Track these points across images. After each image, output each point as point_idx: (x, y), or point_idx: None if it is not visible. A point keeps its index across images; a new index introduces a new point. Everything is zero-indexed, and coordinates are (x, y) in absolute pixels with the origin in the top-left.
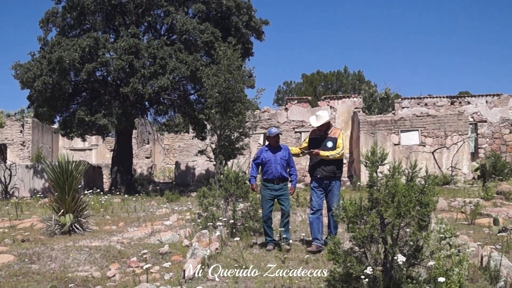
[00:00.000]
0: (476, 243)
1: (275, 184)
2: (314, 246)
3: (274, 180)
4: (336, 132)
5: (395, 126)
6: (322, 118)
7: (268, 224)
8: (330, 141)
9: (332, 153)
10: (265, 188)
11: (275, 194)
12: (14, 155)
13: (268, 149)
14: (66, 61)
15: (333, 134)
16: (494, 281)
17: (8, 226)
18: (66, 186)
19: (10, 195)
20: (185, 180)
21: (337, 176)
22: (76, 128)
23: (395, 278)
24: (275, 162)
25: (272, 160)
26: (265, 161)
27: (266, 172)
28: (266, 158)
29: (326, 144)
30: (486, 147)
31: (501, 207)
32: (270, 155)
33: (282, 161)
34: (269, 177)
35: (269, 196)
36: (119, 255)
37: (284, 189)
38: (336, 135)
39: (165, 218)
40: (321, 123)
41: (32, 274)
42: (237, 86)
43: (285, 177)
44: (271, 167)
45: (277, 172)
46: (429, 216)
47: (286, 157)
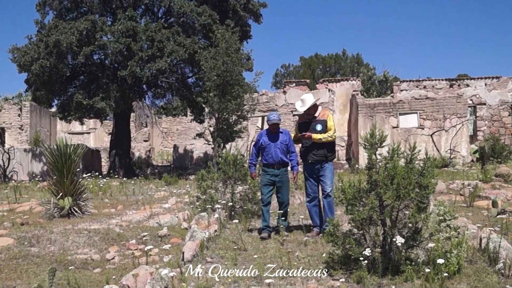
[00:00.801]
0: (475, 225)
1: (275, 169)
2: (314, 231)
3: (274, 164)
4: (324, 114)
5: (394, 109)
6: (307, 101)
7: (267, 209)
8: (319, 124)
9: (325, 136)
10: (264, 174)
11: (275, 179)
12: (12, 139)
13: (268, 133)
14: (63, 45)
15: (321, 116)
16: (493, 262)
17: (7, 209)
18: (65, 170)
19: (8, 179)
20: (184, 163)
21: (329, 159)
22: (74, 111)
23: (394, 260)
24: (275, 147)
25: (272, 144)
26: (264, 145)
27: (266, 157)
28: (265, 142)
29: (315, 127)
30: (485, 130)
31: (500, 189)
32: (270, 139)
33: (282, 145)
34: (269, 161)
35: (268, 181)
36: (118, 238)
37: (284, 175)
38: (325, 117)
39: (164, 201)
40: (307, 107)
41: (31, 257)
42: (235, 69)
43: (286, 162)
44: (271, 152)
45: (277, 156)
46: (428, 198)
47: (286, 142)
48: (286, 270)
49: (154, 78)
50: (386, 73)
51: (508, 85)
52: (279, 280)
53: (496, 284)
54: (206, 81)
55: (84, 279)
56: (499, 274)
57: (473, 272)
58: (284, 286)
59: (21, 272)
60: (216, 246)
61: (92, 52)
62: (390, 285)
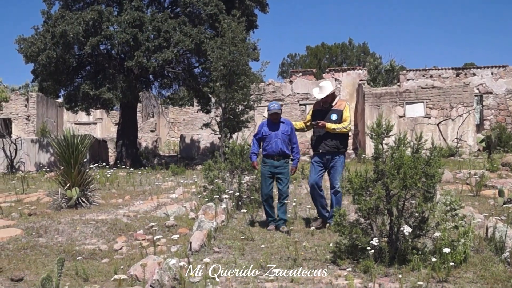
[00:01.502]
0: (481, 214)
1: (275, 161)
2: (318, 221)
3: (274, 155)
4: (341, 104)
5: (400, 98)
6: (325, 89)
7: (269, 203)
8: (335, 114)
9: (339, 126)
10: (264, 165)
11: (275, 171)
12: (19, 130)
13: (269, 123)
14: (70, 35)
15: (338, 106)
16: (499, 252)
17: (15, 200)
18: (72, 160)
19: (16, 169)
20: (190, 153)
21: (341, 151)
22: (81, 102)
23: (401, 249)
24: (275, 137)
25: (272, 134)
26: (265, 136)
27: (266, 147)
28: (266, 132)
29: (330, 117)
30: (492, 119)
31: (506, 178)
32: (271, 129)
33: (284, 136)
34: (269, 152)
35: (268, 174)
36: (126, 228)
37: (285, 166)
38: (342, 107)
39: (171, 191)
40: (325, 95)
41: (39, 247)
42: (241, 59)
43: (286, 154)
44: (271, 142)
45: (277, 147)
46: (434, 188)
47: (288, 132)
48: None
49: (161, 68)
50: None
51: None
52: (287, 269)
53: (502, 273)
54: (213, 71)
55: (92, 269)
56: (505, 263)
57: (480, 261)
58: (291, 275)
59: (29, 263)
60: (223, 236)
61: (98, 43)
62: (396, 274)
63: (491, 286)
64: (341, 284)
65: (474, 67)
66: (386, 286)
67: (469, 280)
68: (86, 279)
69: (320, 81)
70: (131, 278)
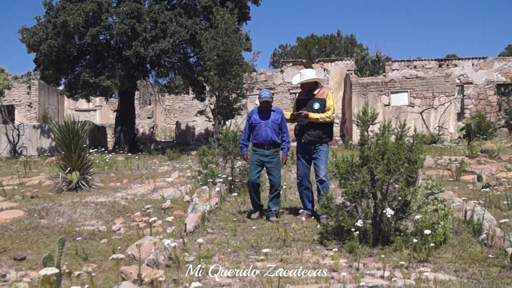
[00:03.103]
0: (460, 198)
1: (265, 150)
2: (304, 213)
3: (264, 144)
4: (324, 93)
5: (386, 88)
6: (304, 76)
7: (255, 190)
8: (317, 102)
9: (323, 116)
10: (254, 153)
11: (264, 160)
12: (22, 116)
13: (259, 111)
14: (70, 25)
15: (320, 94)
16: (477, 233)
17: (18, 183)
18: (73, 145)
19: (18, 154)
20: (185, 139)
21: (324, 141)
22: (81, 89)
23: (384, 230)
24: (265, 126)
25: (262, 123)
26: (255, 124)
27: (256, 136)
28: (256, 120)
29: (313, 106)
30: (472, 108)
31: (485, 164)
32: (261, 117)
33: (274, 124)
34: (258, 141)
35: (258, 162)
36: (124, 210)
37: (275, 156)
38: (324, 95)
39: (167, 175)
40: (301, 81)
41: (41, 228)
42: (234, 49)
43: (277, 143)
44: (261, 131)
45: (267, 136)
46: (416, 173)
47: (278, 121)
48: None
49: (158, 58)
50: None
51: (494, 65)
52: (276, 249)
53: (479, 253)
54: (207, 61)
55: (91, 249)
56: (483, 244)
57: (458, 242)
58: (280, 255)
59: (32, 243)
60: (216, 218)
61: (98, 33)
62: (380, 254)
63: (469, 266)
64: (328, 263)
65: (456, 59)
66: (370, 265)
67: (448, 260)
68: (86, 258)
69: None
70: (129, 258)
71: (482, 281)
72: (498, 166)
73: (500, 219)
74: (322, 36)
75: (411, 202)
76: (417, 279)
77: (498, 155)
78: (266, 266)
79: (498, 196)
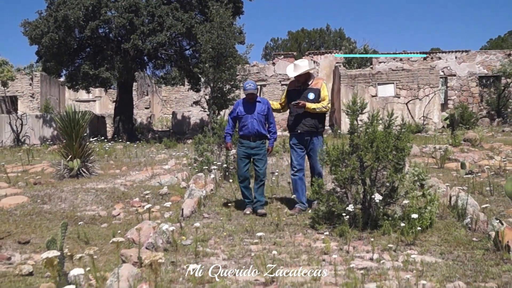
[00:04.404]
0: (445, 184)
1: (251, 142)
2: (297, 209)
3: (250, 136)
4: (318, 83)
5: (373, 79)
6: (300, 67)
7: (245, 185)
8: (312, 93)
9: (319, 106)
10: (240, 146)
11: (251, 152)
12: (25, 106)
13: (245, 103)
14: (71, 19)
15: (314, 85)
16: (461, 218)
17: (21, 170)
18: (74, 134)
19: (21, 143)
20: (181, 128)
21: (319, 131)
22: (81, 81)
23: (373, 215)
24: (251, 117)
25: (248, 115)
26: (241, 116)
27: (242, 128)
28: (241, 112)
29: (307, 96)
30: (455, 99)
31: (468, 152)
32: (247, 109)
33: (260, 116)
34: (244, 133)
35: (244, 154)
36: (123, 196)
37: (261, 147)
38: (318, 85)
39: (164, 163)
40: (299, 72)
41: (44, 213)
42: (228, 42)
43: (263, 134)
44: (247, 122)
45: (253, 128)
46: (404, 160)
47: (264, 112)
48: (276, 224)
49: (155, 51)
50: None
51: (476, 58)
52: (270, 233)
53: (464, 237)
54: (202, 53)
55: (92, 233)
56: (467, 228)
57: (444, 226)
58: (274, 239)
59: (35, 227)
60: (212, 203)
61: (97, 26)
62: (369, 238)
63: (454, 248)
64: (319, 246)
65: (440, 52)
66: (359, 248)
67: (434, 243)
68: (87, 242)
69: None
70: (128, 241)
71: (466, 263)
72: (480, 154)
73: (483, 204)
74: (312, 30)
75: (398, 188)
76: (405, 261)
77: (480, 144)
78: (260, 249)
79: (481, 182)
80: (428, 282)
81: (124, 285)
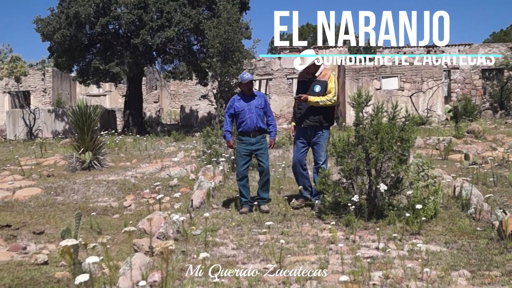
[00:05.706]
0: (449, 175)
1: (251, 137)
2: (300, 200)
3: (250, 132)
4: (326, 75)
5: (377, 73)
6: (306, 60)
7: (243, 183)
8: (318, 85)
9: (323, 99)
10: (240, 143)
11: (252, 148)
12: (37, 101)
13: (241, 98)
14: (82, 16)
15: (322, 77)
16: (465, 208)
17: (35, 163)
18: (85, 127)
19: (34, 136)
20: (190, 122)
21: (324, 126)
22: (92, 76)
23: (378, 205)
24: (249, 112)
25: (246, 109)
26: (238, 111)
27: (241, 124)
28: (239, 108)
29: (314, 89)
30: (458, 91)
31: (471, 144)
32: (244, 104)
33: (258, 110)
34: (244, 129)
35: (245, 151)
36: (134, 187)
37: (262, 142)
38: (326, 77)
39: (173, 155)
40: (306, 65)
41: (57, 205)
42: (235, 37)
43: (263, 129)
44: (246, 118)
45: (252, 123)
46: (408, 151)
47: (262, 105)
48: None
49: (163, 46)
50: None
51: (479, 51)
52: (277, 223)
53: (468, 226)
54: (210, 48)
55: (105, 223)
56: (471, 218)
57: (448, 216)
58: (281, 228)
59: (49, 218)
60: (220, 195)
61: (107, 23)
62: (374, 227)
63: (458, 238)
64: (326, 236)
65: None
66: (365, 238)
67: (439, 233)
68: (100, 232)
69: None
70: (140, 231)
71: (471, 252)
72: (483, 145)
73: (487, 195)
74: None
75: (403, 179)
76: (410, 250)
77: (483, 136)
78: (268, 239)
79: (485, 173)
80: (433, 270)
81: (137, 273)
